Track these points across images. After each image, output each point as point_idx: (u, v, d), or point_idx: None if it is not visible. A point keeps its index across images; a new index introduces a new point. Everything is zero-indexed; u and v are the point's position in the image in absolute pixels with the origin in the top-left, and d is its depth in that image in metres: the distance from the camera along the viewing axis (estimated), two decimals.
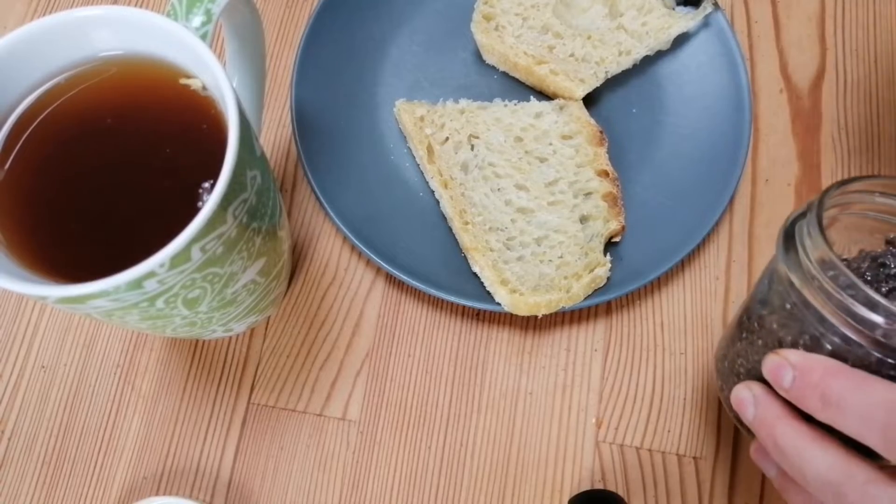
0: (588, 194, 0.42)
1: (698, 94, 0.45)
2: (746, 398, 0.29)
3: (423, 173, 0.44)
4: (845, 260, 0.30)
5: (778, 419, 0.27)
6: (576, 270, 0.40)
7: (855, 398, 0.24)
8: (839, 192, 0.29)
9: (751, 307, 0.32)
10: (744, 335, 0.32)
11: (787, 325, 0.29)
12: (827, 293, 0.26)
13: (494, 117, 0.44)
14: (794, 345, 0.28)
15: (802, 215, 0.29)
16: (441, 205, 0.42)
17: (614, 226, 0.41)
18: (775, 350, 0.28)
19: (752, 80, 0.48)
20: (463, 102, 0.44)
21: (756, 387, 0.29)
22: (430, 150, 0.43)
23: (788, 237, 0.29)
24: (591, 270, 0.40)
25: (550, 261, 0.40)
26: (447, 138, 0.43)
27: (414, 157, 0.45)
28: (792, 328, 0.28)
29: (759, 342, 0.30)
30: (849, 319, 0.25)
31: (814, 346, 0.27)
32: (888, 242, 0.30)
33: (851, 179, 0.29)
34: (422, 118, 0.43)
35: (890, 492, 0.24)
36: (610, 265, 0.40)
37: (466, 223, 0.40)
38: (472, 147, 0.43)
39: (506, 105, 0.45)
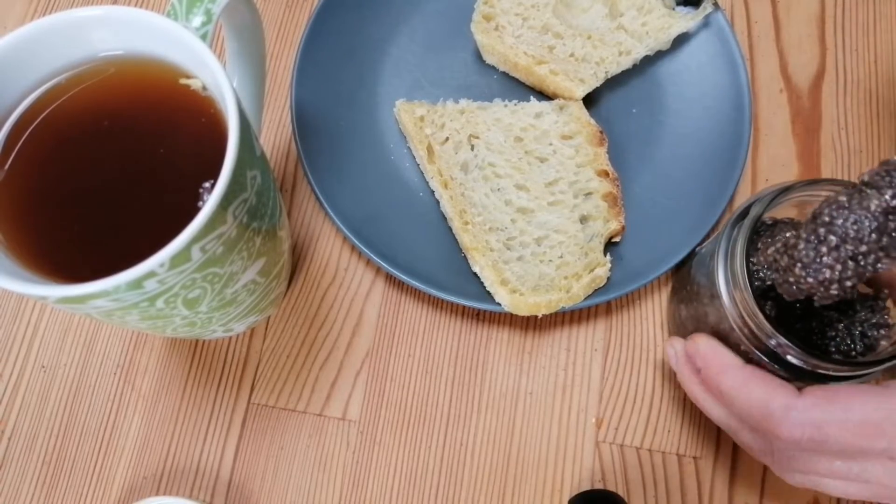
0: (588, 194, 0.42)
1: (698, 95, 0.45)
2: (671, 355, 0.36)
3: (423, 173, 0.44)
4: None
5: (688, 380, 0.35)
6: (576, 270, 0.40)
7: (739, 397, 0.31)
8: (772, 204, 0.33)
9: (693, 272, 0.39)
10: (683, 293, 0.39)
11: (705, 305, 0.36)
12: (735, 305, 0.33)
13: (494, 117, 0.44)
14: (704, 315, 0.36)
15: (741, 217, 0.34)
16: (441, 205, 0.42)
17: (614, 226, 0.41)
18: (692, 336, 0.35)
19: (753, 80, 0.48)
20: (463, 102, 0.44)
21: (678, 344, 0.35)
22: (430, 150, 0.42)
23: (731, 229, 0.34)
24: (592, 270, 0.40)
25: (550, 261, 0.40)
26: (447, 138, 0.43)
27: (414, 157, 0.45)
28: (706, 309, 0.35)
29: (693, 305, 0.37)
30: (750, 335, 0.32)
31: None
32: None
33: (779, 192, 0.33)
34: (422, 118, 0.43)
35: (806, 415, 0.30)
36: (610, 265, 0.40)
37: (466, 223, 0.40)
38: (472, 147, 0.43)
39: (506, 105, 0.45)
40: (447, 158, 0.42)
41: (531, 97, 0.46)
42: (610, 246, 0.42)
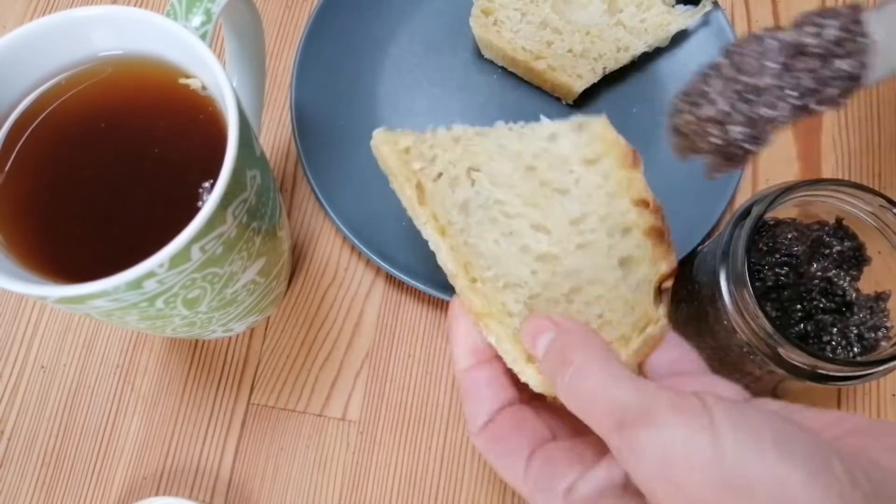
0: (626, 230, 0.33)
1: None
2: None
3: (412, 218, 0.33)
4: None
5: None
6: (622, 332, 0.30)
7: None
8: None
9: (694, 272, 0.38)
10: (684, 293, 0.38)
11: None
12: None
13: (498, 144, 0.34)
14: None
15: (742, 216, 0.33)
16: (439, 258, 0.32)
17: (664, 268, 0.32)
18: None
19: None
20: (457, 129, 0.34)
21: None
22: (420, 188, 0.32)
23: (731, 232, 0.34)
24: (643, 330, 0.30)
25: (588, 322, 0.30)
26: (440, 174, 0.33)
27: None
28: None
29: (693, 304, 0.37)
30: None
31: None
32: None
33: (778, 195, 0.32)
34: (407, 150, 0.33)
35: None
36: (665, 320, 0.31)
37: (474, 280, 0.30)
38: (473, 182, 0.33)
39: (510, 129, 0.35)
40: (442, 198, 0.32)
41: (541, 116, 0.36)
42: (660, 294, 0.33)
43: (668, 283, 0.32)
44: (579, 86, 0.44)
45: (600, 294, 0.31)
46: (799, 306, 0.34)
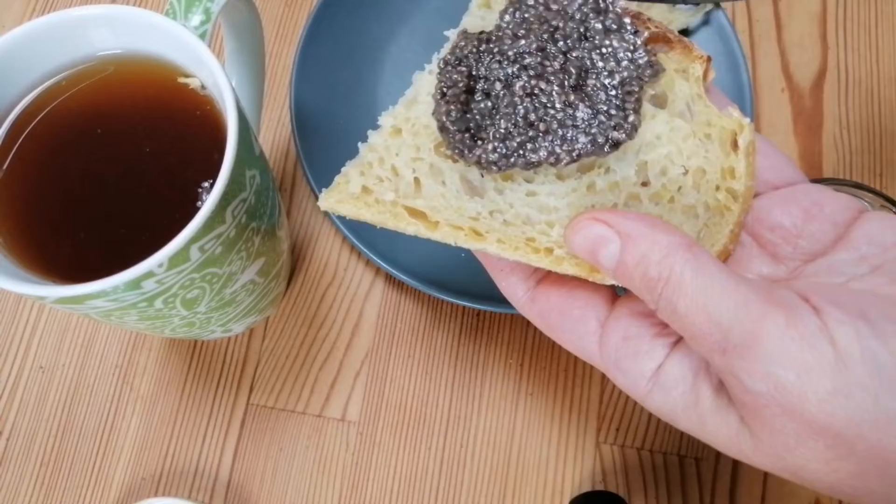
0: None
1: None
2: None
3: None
4: None
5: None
6: (719, 166, 0.25)
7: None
8: None
9: None
10: None
11: None
12: None
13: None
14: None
15: None
16: (490, 256, 0.26)
17: (696, 62, 0.26)
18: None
19: (754, 79, 0.47)
20: (385, 118, 0.28)
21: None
22: (414, 213, 0.26)
23: None
24: (734, 146, 0.25)
25: (673, 198, 0.25)
26: (416, 178, 0.26)
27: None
28: None
29: None
30: None
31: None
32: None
33: None
34: (364, 189, 0.26)
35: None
36: (749, 119, 0.25)
37: (551, 250, 0.25)
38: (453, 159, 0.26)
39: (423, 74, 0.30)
40: (442, 200, 0.26)
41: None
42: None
43: (711, 76, 0.26)
44: None
45: (666, 150, 0.25)
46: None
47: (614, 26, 0.25)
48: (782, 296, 0.20)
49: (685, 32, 0.46)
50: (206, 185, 0.29)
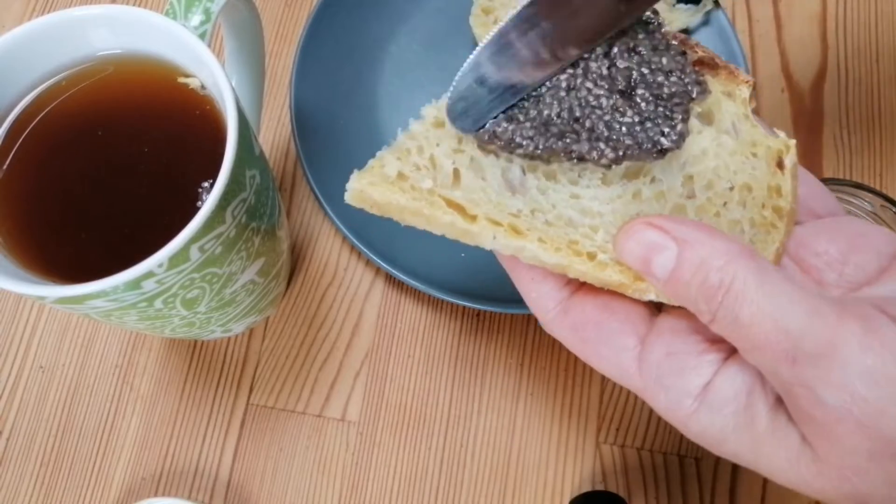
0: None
1: None
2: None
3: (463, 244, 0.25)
4: None
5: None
6: (763, 186, 0.26)
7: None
8: None
9: None
10: None
11: None
12: None
13: None
14: None
15: None
16: (532, 262, 0.24)
17: (742, 87, 0.27)
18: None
19: (754, 79, 0.47)
20: (429, 109, 0.26)
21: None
22: (451, 204, 0.24)
23: None
24: (779, 166, 0.26)
25: (725, 205, 0.25)
26: (455, 169, 0.25)
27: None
28: None
29: None
30: None
31: None
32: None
33: None
34: (400, 175, 0.24)
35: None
36: (794, 142, 0.26)
37: (593, 256, 0.24)
38: (496, 154, 0.25)
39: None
40: (481, 194, 0.25)
41: None
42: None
43: (753, 103, 0.27)
44: None
45: (713, 164, 0.26)
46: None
47: (662, 46, 0.25)
48: (858, 305, 0.19)
49: (685, 32, 0.46)
50: (206, 185, 0.29)
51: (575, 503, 0.38)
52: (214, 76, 0.29)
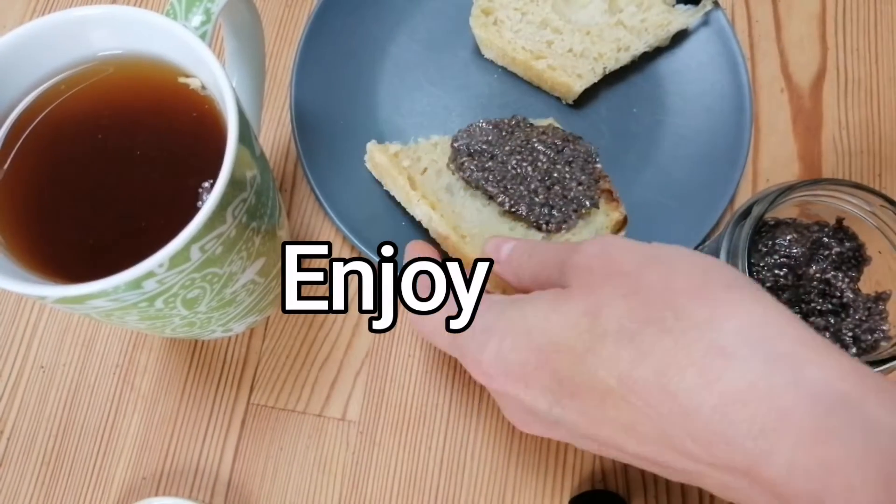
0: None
1: (699, 94, 0.45)
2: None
3: (405, 207, 0.41)
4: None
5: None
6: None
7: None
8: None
9: None
10: None
11: None
12: None
13: None
14: None
15: (743, 216, 0.34)
16: (431, 229, 0.40)
17: (617, 216, 0.40)
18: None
19: (753, 80, 0.47)
20: (435, 138, 0.43)
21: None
22: (410, 179, 0.41)
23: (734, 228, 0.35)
24: None
25: None
26: (425, 169, 0.41)
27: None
28: None
29: None
30: None
31: None
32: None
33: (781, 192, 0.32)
34: (396, 155, 0.42)
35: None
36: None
37: (463, 236, 0.39)
38: (453, 171, 0.41)
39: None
40: (430, 185, 0.41)
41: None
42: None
43: (623, 232, 0.41)
44: (579, 85, 0.44)
45: (568, 238, 0.40)
46: (797, 308, 0.34)
47: (588, 170, 0.40)
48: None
49: (684, 33, 0.46)
50: (206, 185, 0.29)
51: (575, 503, 0.38)
52: (215, 76, 0.29)
